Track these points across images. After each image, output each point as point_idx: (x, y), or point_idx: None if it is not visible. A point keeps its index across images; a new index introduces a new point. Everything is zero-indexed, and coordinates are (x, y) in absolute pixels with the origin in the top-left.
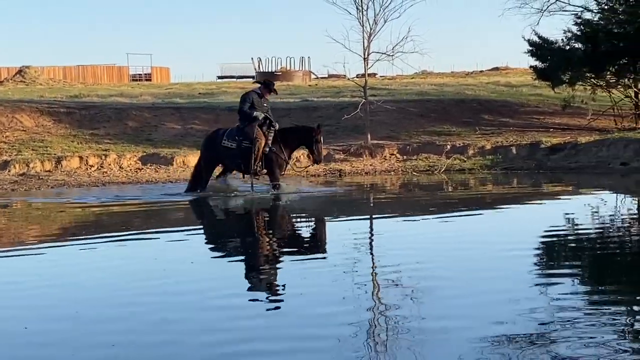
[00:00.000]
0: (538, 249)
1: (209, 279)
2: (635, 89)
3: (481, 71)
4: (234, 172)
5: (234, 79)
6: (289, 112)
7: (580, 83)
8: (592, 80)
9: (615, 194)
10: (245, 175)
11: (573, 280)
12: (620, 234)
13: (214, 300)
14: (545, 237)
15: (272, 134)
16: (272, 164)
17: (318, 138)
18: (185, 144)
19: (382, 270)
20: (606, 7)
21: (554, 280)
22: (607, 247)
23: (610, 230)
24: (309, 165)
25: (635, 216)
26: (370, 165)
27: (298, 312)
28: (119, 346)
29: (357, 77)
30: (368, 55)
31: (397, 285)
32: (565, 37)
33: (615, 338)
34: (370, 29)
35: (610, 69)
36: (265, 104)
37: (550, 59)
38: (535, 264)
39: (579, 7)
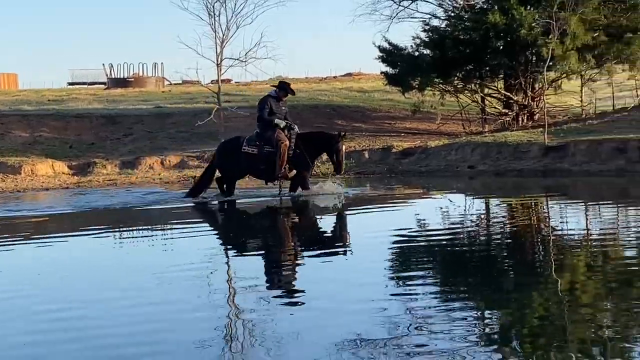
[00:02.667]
0: (390, 250)
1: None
2: (481, 94)
3: (335, 77)
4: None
5: (85, 85)
6: (142, 119)
7: (429, 88)
8: (441, 85)
9: (463, 196)
10: (268, 183)
11: (424, 280)
12: (468, 234)
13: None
14: (396, 239)
15: (294, 138)
16: (301, 166)
17: (339, 146)
18: (34, 152)
19: (238, 276)
20: (453, 14)
21: (407, 280)
22: (455, 247)
23: (459, 231)
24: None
25: (482, 217)
26: None
27: (166, 317)
28: None
29: (212, 83)
30: (221, 61)
31: (252, 290)
32: (415, 43)
33: (466, 331)
34: (223, 35)
35: (458, 74)
36: (283, 107)
37: (400, 65)
38: (388, 266)
39: (427, 14)
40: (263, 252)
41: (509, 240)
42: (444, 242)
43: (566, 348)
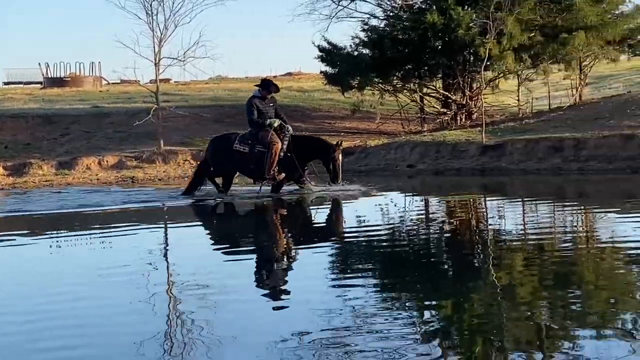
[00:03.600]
0: (331, 249)
1: None
2: (420, 94)
3: (275, 76)
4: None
5: (21, 85)
6: (79, 119)
7: (368, 88)
8: (380, 85)
9: (403, 195)
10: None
11: (365, 279)
12: (408, 233)
13: None
14: (337, 238)
15: (287, 139)
16: (290, 169)
17: (336, 156)
18: None
19: (177, 278)
20: (391, 14)
21: (347, 280)
22: (396, 245)
23: (399, 229)
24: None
25: (422, 215)
26: (164, 171)
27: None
28: None
29: (151, 83)
30: (159, 60)
31: (190, 291)
32: (354, 43)
33: (406, 330)
34: (161, 34)
35: (397, 74)
36: (270, 104)
37: (339, 64)
38: (329, 265)
39: (366, 14)
40: (206, 250)
41: (447, 239)
42: (384, 240)
43: (504, 345)
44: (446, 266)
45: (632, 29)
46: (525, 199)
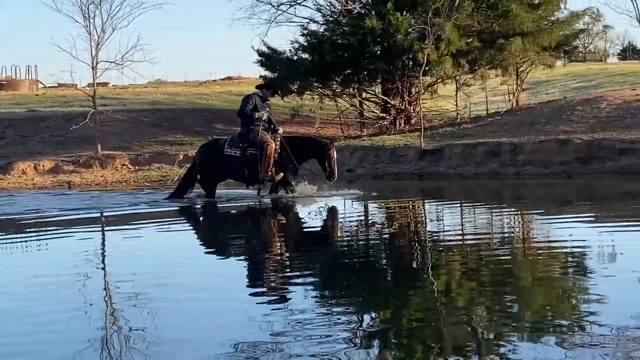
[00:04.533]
0: (268, 254)
1: None
2: (359, 99)
3: (214, 80)
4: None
5: None
6: (14, 123)
7: (308, 92)
8: (320, 89)
9: (342, 200)
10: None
11: (304, 284)
12: (347, 237)
13: None
14: (272, 243)
15: (279, 140)
16: (285, 170)
17: (330, 154)
18: None
19: (115, 282)
20: (331, 19)
21: (286, 285)
22: (335, 250)
23: (336, 234)
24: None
25: (360, 219)
26: (101, 176)
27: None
28: None
29: (88, 87)
30: (96, 64)
31: (129, 296)
32: (293, 47)
33: (346, 334)
34: (98, 38)
35: (336, 78)
36: (267, 108)
37: (279, 69)
38: (269, 270)
39: (305, 18)
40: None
41: (386, 243)
42: (323, 245)
43: (442, 349)
44: (385, 270)
45: (567, 35)
46: (464, 203)
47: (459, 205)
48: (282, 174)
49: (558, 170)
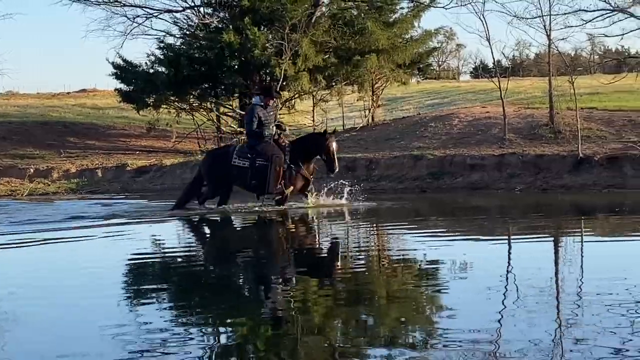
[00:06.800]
0: (126, 271)
1: None
2: (217, 113)
3: (68, 93)
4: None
5: None
6: None
7: (164, 106)
8: (177, 103)
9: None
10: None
11: (160, 300)
12: (202, 253)
13: None
14: (132, 260)
15: (288, 150)
16: (294, 181)
17: (329, 144)
18: None
19: None
20: (188, 32)
21: (143, 300)
22: (192, 266)
23: (194, 250)
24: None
25: (214, 237)
26: None
27: None
28: None
29: None
30: None
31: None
32: (149, 60)
33: (199, 352)
34: None
35: (193, 93)
36: (271, 112)
37: (135, 82)
38: (124, 284)
39: (162, 31)
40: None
41: (242, 259)
42: (180, 262)
43: None
44: (241, 286)
45: (421, 53)
46: (318, 218)
47: (315, 220)
48: (292, 188)
49: (412, 185)
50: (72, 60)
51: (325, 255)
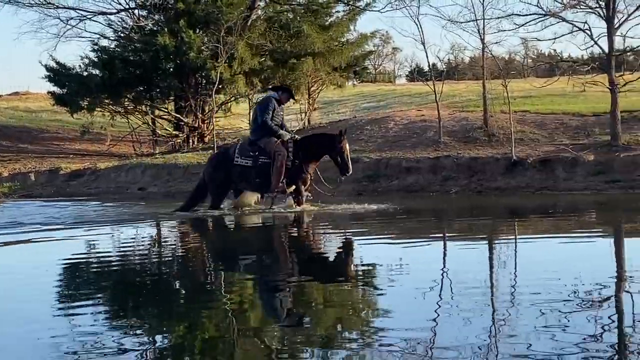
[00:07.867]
0: (60, 277)
1: None
2: (152, 116)
3: (1, 96)
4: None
5: None
6: None
7: (99, 109)
8: (111, 106)
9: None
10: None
11: (95, 305)
12: (140, 258)
13: None
14: (66, 265)
15: (291, 147)
16: (296, 179)
17: (342, 146)
18: None
19: None
20: (122, 35)
21: (75, 304)
22: (127, 271)
23: (130, 255)
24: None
25: (152, 240)
26: None
27: None
28: None
29: None
30: None
31: None
32: (83, 63)
33: (140, 356)
34: None
35: (128, 95)
36: (281, 112)
37: (68, 84)
38: (57, 289)
39: (96, 34)
40: None
41: (179, 263)
42: (115, 267)
43: None
44: (178, 291)
45: (357, 56)
46: (258, 224)
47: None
48: (294, 187)
49: (348, 188)
50: (4, 63)
51: (264, 260)
